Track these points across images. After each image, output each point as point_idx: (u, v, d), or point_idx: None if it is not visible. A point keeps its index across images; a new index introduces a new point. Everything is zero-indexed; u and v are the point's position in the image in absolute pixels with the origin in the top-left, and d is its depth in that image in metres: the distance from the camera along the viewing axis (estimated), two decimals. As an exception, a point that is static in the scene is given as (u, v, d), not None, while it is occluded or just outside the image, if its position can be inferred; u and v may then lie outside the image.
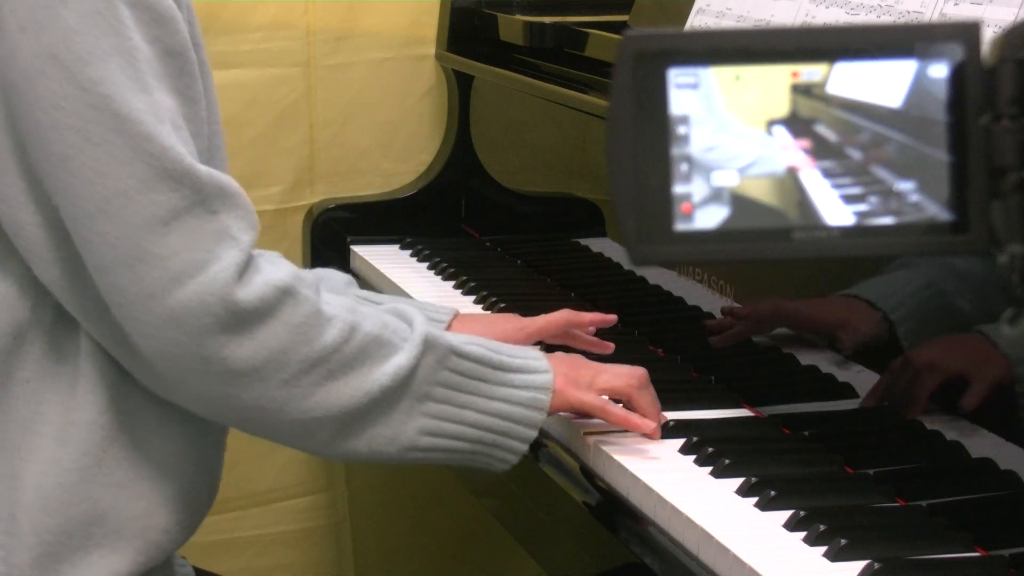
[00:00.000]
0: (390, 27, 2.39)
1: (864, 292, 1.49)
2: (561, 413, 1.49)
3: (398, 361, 1.39)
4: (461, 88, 2.36)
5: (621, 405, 1.49)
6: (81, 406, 1.39)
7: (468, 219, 2.37)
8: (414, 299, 1.75)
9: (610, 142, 0.81)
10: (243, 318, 1.31)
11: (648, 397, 1.50)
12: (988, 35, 0.79)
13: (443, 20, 2.39)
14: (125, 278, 1.30)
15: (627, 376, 1.50)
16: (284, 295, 1.34)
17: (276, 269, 1.36)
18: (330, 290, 1.64)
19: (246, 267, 1.32)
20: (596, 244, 2.03)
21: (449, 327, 1.67)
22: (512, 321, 1.71)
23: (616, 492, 1.43)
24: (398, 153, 2.42)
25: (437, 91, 2.42)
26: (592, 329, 1.70)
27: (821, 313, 1.62)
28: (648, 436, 1.47)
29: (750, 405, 1.58)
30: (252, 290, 1.32)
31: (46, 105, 1.29)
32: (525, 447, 1.44)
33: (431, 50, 2.41)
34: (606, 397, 1.49)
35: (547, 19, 2.22)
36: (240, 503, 2.37)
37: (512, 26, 2.27)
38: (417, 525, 2.55)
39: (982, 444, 1.40)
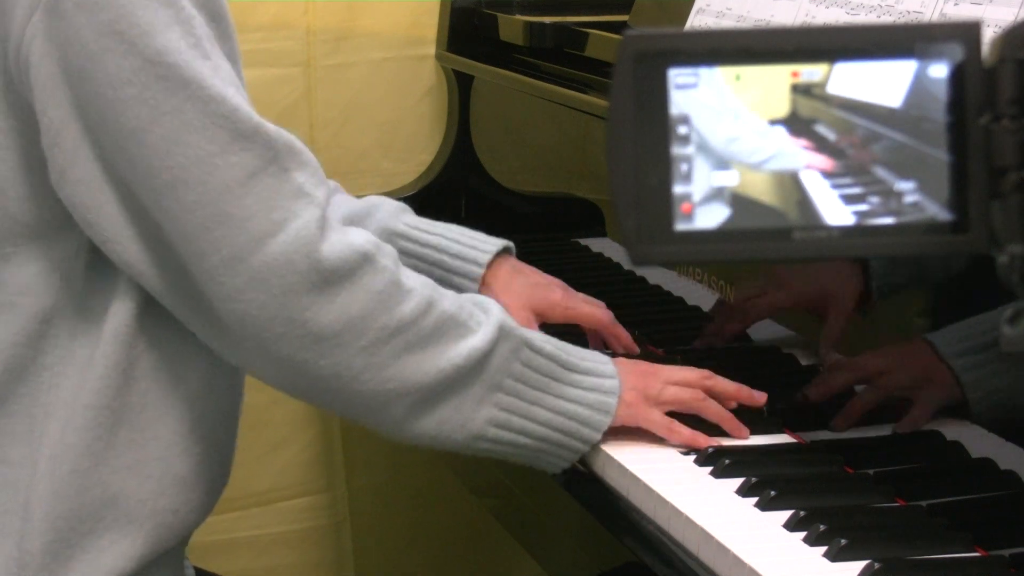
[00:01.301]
0: (390, 27, 2.39)
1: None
2: None
3: (473, 343, 1.39)
4: (461, 88, 2.36)
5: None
6: (95, 391, 1.39)
7: (468, 219, 2.37)
8: (460, 229, 1.69)
9: (610, 142, 0.81)
10: (326, 277, 1.32)
11: (714, 407, 1.48)
12: (988, 35, 0.79)
13: (443, 20, 2.39)
14: (207, 243, 1.30)
15: (694, 384, 1.48)
16: (364, 261, 1.34)
17: (358, 233, 1.36)
18: (377, 225, 1.66)
19: (325, 223, 1.33)
20: (596, 244, 2.03)
21: (492, 269, 1.64)
22: (554, 293, 1.66)
23: (616, 492, 1.43)
24: (398, 153, 2.42)
25: (437, 91, 2.42)
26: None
27: (807, 282, 1.63)
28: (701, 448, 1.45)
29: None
30: (335, 249, 1.32)
31: (114, 81, 1.30)
32: (586, 448, 1.44)
33: (431, 50, 2.41)
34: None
35: (547, 19, 2.22)
36: (240, 503, 2.37)
37: (512, 26, 2.27)
38: (417, 525, 2.55)
39: (982, 444, 1.40)
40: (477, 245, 1.67)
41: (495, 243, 1.67)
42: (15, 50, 1.33)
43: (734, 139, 0.81)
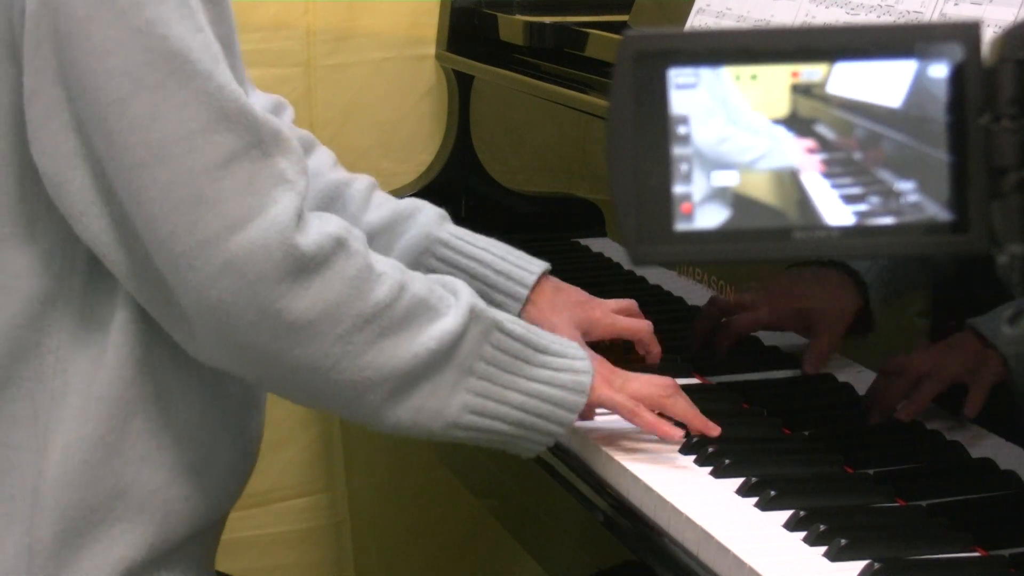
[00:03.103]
0: (390, 27, 2.39)
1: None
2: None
3: (444, 326, 1.36)
4: (461, 88, 2.36)
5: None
6: (109, 381, 1.38)
7: (468, 219, 2.37)
8: (504, 246, 1.69)
9: (610, 142, 0.81)
10: (302, 265, 1.29)
11: (682, 403, 1.47)
12: (988, 35, 0.79)
13: (443, 20, 2.39)
14: (181, 225, 1.27)
15: (658, 386, 1.47)
16: (338, 246, 1.32)
17: (329, 219, 1.34)
18: (420, 227, 1.66)
19: (302, 212, 1.31)
20: (596, 244, 2.03)
21: (537, 290, 1.64)
22: (595, 310, 1.65)
23: (616, 492, 1.43)
24: (398, 153, 2.42)
25: (437, 91, 2.42)
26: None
27: (793, 296, 1.62)
28: (674, 441, 1.45)
29: (750, 405, 1.58)
30: (311, 237, 1.30)
31: (99, 51, 1.27)
32: (563, 431, 1.42)
33: (431, 50, 2.41)
34: None
35: (547, 19, 2.22)
36: (240, 503, 2.36)
37: (512, 26, 2.27)
38: (417, 525, 2.55)
39: (982, 444, 1.40)
40: (523, 265, 1.67)
41: (539, 264, 1.67)
42: (19, 12, 1.31)
43: (724, 139, 0.81)
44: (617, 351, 1.64)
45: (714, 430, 1.46)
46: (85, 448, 1.38)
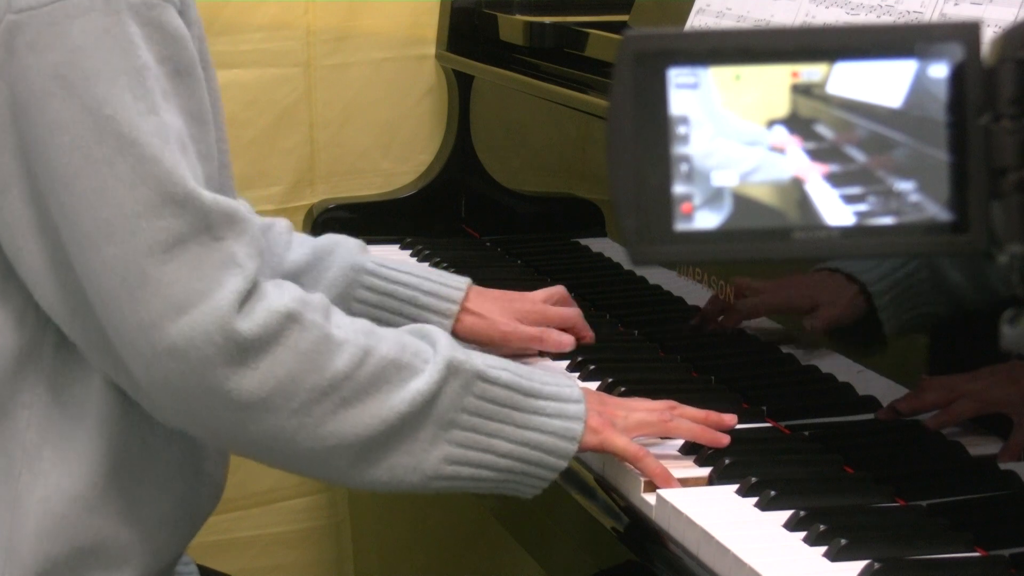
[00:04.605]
0: (390, 27, 2.39)
1: (843, 266, 1.48)
2: None
3: (416, 386, 1.33)
4: (461, 88, 2.36)
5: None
6: (90, 439, 1.37)
7: (468, 219, 2.37)
8: (425, 267, 1.72)
9: (610, 142, 0.81)
10: (245, 348, 1.27)
11: (685, 424, 1.44)
12: (988, 35, 0.79)
13: (443, 20, 2.39)
14: (125, 306, 1.26)
15: (659, 412, 1.45)
16: (288, 321, 1.29)
17: (280, 294, 1.31)
18: (342, 260, 1.67)
19: (249, 295, 1.28)
20: (596, 244, 2.03)
21: (465, 300, 1.68)
22: (524, 303, 1.71)
23: (617, 492, 1.43)
24: (398, 153, 2.42)
25: (437, 91, 2.42)
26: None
27: (794, 291, 1.62)
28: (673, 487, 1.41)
29: (750, 405, 1.58)
30: (254, 319, 1.28)
31: (52, 126, 1.27)
32: (554, 475, 1.39)
33: (431, 50, 2.41)
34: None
35: (547, 19, 2.22)
36: (240, 503, 2.37)
37: (512, 26, 2.27)
38: (417, 525, 2.55)
39: (982, 444, 1.40)
40: (448, 282, 1.69)
41: (463, 280, 1.70)
42: None
43: (712, 153, 0.81)
44: None
45: (723, 439, 1.45)
46: (64, 504, 1.37)
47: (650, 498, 1.38)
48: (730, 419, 1.47)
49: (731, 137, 0.81)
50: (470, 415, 1.36)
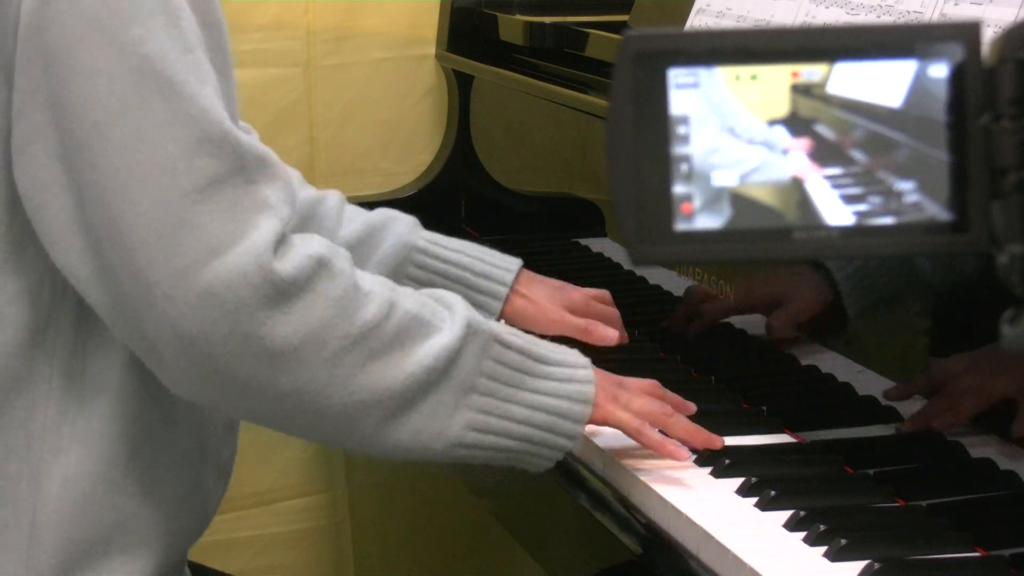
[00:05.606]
0: (390, 27, 2.39)
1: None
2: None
3: (440, 341, 1.33)
4: (461, 88, 2.36)
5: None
6: (112, 416, 1.37)
7: (468, 219, 2.37)
8: (477, 246, 1.71)
9: (610, 142, 0.81)
10: (282, 290, 1.25)
11: (683, 422, 1.44)
12: (988, 35, 0.79)
13: (443, 20, 2.39)
14: (159, 252, 1.24)
15: (663, 404, 1.45)
16: (320, 267, 1.28)
17: (310, 240, 1.30)
18: (395, 237, 1.68)
19: (283, 239, 1.27)
20: (596, 244, 2.03)
21: (516, 282, 1.67)
22: (573, 292, 1.72)
23: (617, 492, 1.43)
24: (398, 153, 2.42)
25: (437, 91, 2.42)
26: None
27: (760, 286, 1.63)
28: (679, 460, 1.42)
29: (750, 405, 1.58)
30: (291, 261, 1.26)
31: (85, 71, 1.25)
32: (571, 444, 1.38)
33: (431, 50, 2.41)
34: None
35: (547, 19, 2.22)
36: (240, 503, 2.37)
37: (512, 26, 2.27)
38: (417, 525, 2.55)
39: (982, 444, 1.40)
40: (499, 263, 1.69)
41: (514, 261, 1.69)
42: (12, 35, 1.29)
43: (715, 150, 0.81)
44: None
45: (718, 442, 1.44)
46: (87, 483, 1.37)
47: (650, 498, 1.38)
48: (718, 443, 1.45)
49: (734, 135, 0.81)
50: (488, 379, 1.35)
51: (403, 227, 1.70)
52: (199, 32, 1.29)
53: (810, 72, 0.81)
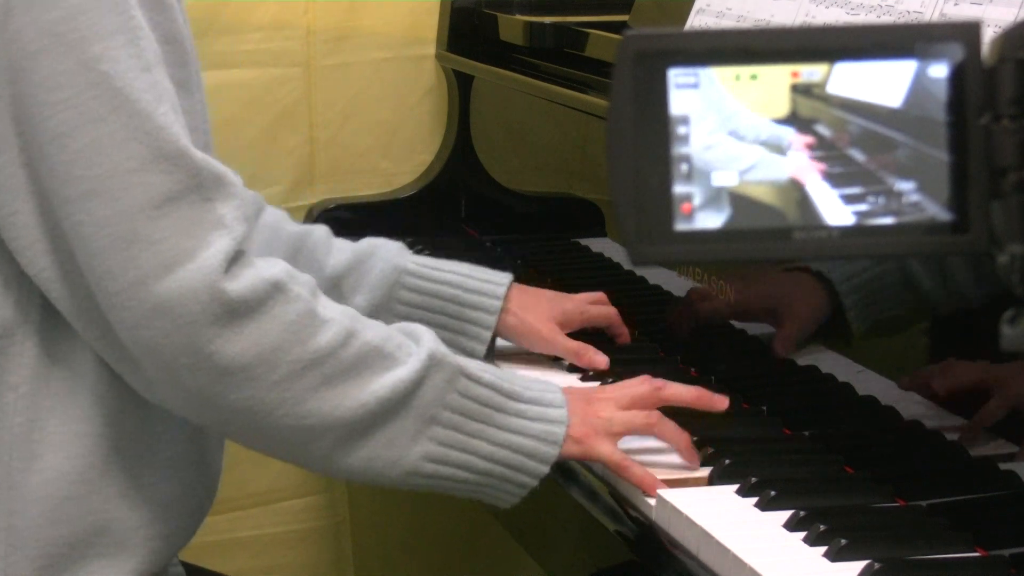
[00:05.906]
0: (390, 27, 2.39)
1: (813, 264, 1.48)
2: None
3: (399, 374, 1.34)
4: (461, 88, 2.36)
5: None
6: (87, 417, 1.37)
7: (468, 219, 2.37)
8: (467, 265, 1.72)
9: (610, 142, 0.81)
10: (232, 309, 1.28)
11: (670, 427, 1.43)
12: (988, 35, 0.79)
13: (443, 20, 2.39)
14: (115, 263, 1.27)
15: (647, 412, 1.44)
16: (276, 290, 1.30)
17: (269, 265, 1.32)
18: (384, 262, 1.68)
19: (237, 258, 1.29)
20: (596, 244, 2.03)
21: (507, 299, 1.68)
22: (566, 303, 1.72)
23: (617, 492, 1.43)
24: (398, 153, 2.42)
25: (437, 91, 2.42)
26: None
27: (761, 293, 1.63)
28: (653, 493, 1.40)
29: (750, 405, 1.58)
30: (241, 281, 1.28)
31: (47, 83, 1.27)
32: (534, 483, 1.39)
33: (431, 50, 2.41)
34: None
35: (547, 19, 2.22)
36: (240, 503, 2.37)
37: (512, 26, 2.27)
38: (417, 525, 2.55)
39: (982, 444, 1.40)
40: (491, 279, 1.69)
41: (505, 276, 1.70)
42: None
43: (711, 147, 0.81)
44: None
45: (721, 403, 1.45)
46: (64, 484, 1.37)
47: (650, 498, 1.38)
48: (721, 402, 1.46)
49: (734, 135, 0.81)
50: (452, 412, 1.36)
51: (391, 252, 1.71)
52: (158, 49, 1.31)
53: (810, 72, 0.81)
